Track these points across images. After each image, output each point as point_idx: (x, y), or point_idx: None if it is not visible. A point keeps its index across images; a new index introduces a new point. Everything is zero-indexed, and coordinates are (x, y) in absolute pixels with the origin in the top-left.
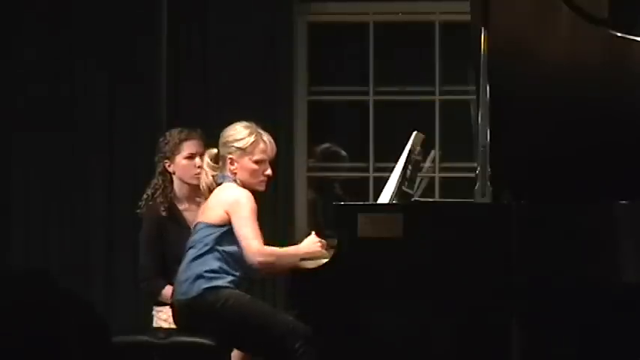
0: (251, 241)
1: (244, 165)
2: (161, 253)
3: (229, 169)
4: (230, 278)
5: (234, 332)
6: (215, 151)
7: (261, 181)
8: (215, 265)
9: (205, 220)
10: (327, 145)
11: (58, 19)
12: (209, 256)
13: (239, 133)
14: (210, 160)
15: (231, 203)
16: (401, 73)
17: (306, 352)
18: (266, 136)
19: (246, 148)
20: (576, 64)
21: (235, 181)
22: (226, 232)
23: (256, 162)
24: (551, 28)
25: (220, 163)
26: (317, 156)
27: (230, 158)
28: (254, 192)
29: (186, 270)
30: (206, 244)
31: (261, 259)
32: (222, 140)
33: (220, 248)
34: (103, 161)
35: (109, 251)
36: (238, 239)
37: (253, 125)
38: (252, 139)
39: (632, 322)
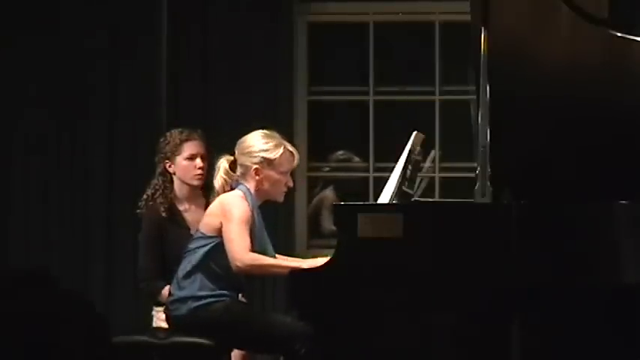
0: (234, 245)
1: (269, 176)
2: (161, 253)
3: (252, 178)
4: (221, 296)
5: (233, 338)
6: (232, 158)
7: (283, 192)
8: (204, 285)
9: (201, 229)
10: (341, 152)
11: (58, 18)
12: (198, 275)
13: (267, 143)
14: (229, 166)
15: (221, 210)
16: (401, 73)
17: (307, 352)
18: (291, 147)
19: (275, 159)
20: (576, 64)
21: (251, 189)
22: (219, 244)
23: (281, 173)
24: (551, 28)
25: (239, 172)
26: (331, 163)
27: (256, 169)
28: (271, 202)
29: (178, 287)
30: (197, 257)
31: (240, 264)
32: (245, 149)
33: (211, 263)
34: (103, 161)
35: (109, 251)
36: (225, 246)
37: (277, 135)
38: (280, 150)
39: (632, 322)
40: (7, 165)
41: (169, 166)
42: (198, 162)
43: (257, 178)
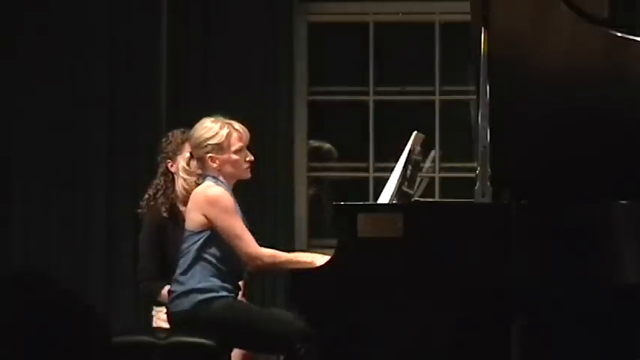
0: (244, 244)
1: (225, 159)
2: (161, 253)
3: (211, 167)
4: (223, 290)
5: (234, 337)
6: (188, 155)
7: (246, 169)
8: (205, 278)
9: (188, 228)
10: (311, 140)
11: (57, 17)
12: (198, 268)
13: (210, 130)
14: (187, 164)
15: (207, 205)
16: (401, 73)
17: (307, 352)
18: (237, 124)
19: (223, 142)
20: (576, 64)
21: (218, 177)
22: (209, 237)
23: (235, 152)
24: (551, 28)
25: (199, 165)
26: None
27: (210, 157)
28: (241, 180)
29: (177, 284)
30: (192, 255)
31: (260, 262)
32: (194, 142)
33: (207, 256)
34: (103, 161)
35: (109, 251)
36: (231, 244)
37: (220, 117)
38: (225, 131)
39: (632, 322)
40: (7, 165)
41: (171, 166)
42: None
43: (215, 165)
